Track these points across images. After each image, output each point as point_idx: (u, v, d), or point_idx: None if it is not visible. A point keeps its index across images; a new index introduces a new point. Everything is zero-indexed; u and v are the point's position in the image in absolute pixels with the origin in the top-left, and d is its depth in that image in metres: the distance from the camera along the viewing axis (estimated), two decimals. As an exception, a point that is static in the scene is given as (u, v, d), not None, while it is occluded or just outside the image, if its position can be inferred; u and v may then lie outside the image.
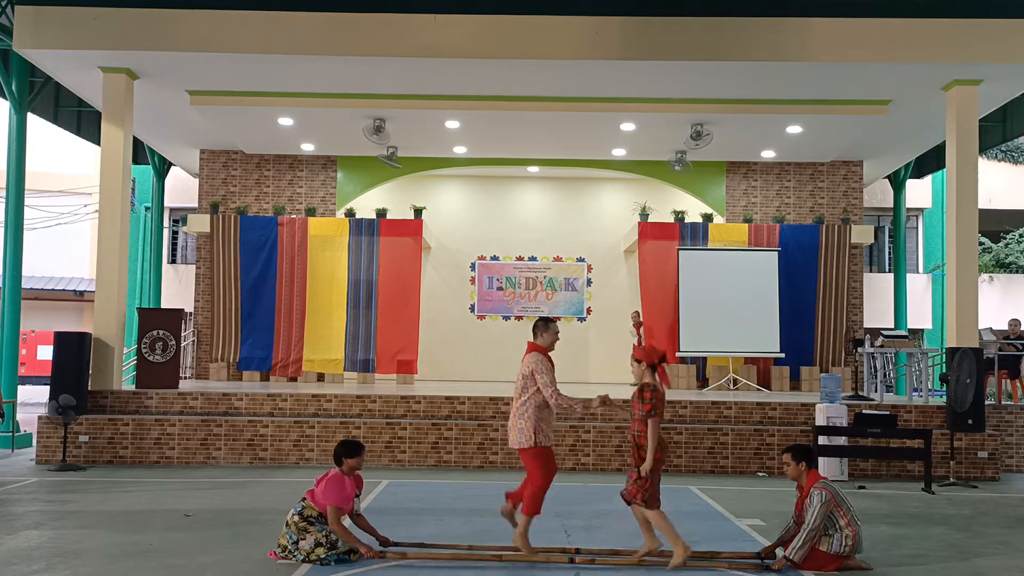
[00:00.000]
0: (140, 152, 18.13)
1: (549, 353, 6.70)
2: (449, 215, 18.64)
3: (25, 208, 13.78)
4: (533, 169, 18.13)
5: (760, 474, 11.45)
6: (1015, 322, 14.07)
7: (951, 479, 10.91)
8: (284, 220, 16.67)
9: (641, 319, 16.80)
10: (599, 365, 17.73)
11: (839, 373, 13.82)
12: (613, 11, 12.08)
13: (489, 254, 18.72)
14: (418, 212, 16.94)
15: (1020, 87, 13.06)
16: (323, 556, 6.32)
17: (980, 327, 12.81)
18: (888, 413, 11.09)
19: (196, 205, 18.17)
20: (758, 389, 15.76)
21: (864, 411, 11.36)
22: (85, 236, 24.33)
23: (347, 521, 6.63)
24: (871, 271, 20.55)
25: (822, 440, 10.59)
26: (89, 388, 12.13)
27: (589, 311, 18.56)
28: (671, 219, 17.06)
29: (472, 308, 18.61)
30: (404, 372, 16.15)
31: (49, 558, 6.41)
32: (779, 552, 6.54)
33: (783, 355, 15.97)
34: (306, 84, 13.40)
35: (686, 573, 6.26)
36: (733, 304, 15.84)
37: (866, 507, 8.93)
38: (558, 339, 6.74)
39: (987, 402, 12.41)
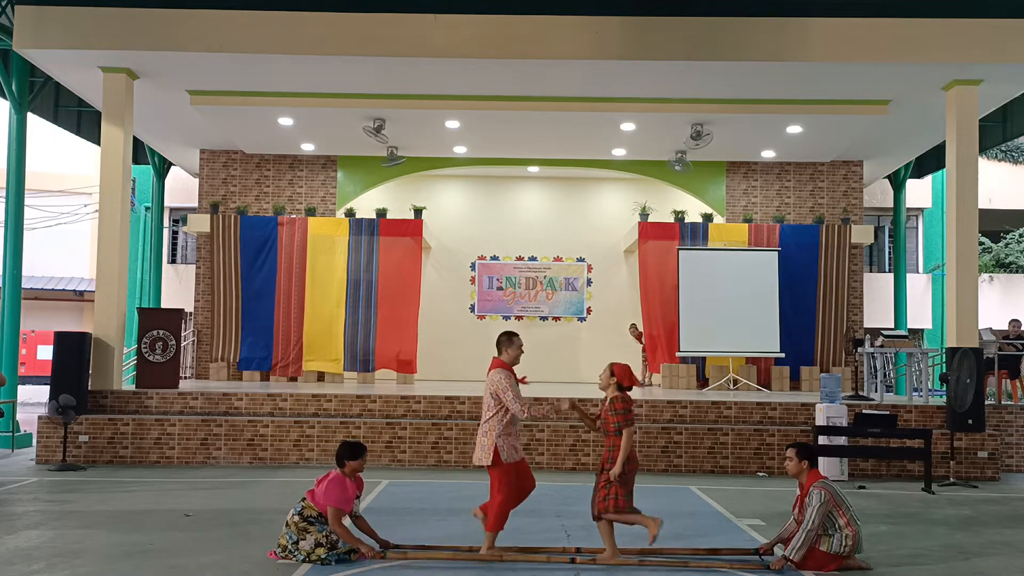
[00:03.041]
0: (140, 152, 18.13)
1: (514, 367, 6.61)
2: (449, 215, 18.64)
3: (25, 208, 13.79)
4: (533, 169, 18.13)
5: (760, 474, 11.45)
6: (1016, 322, 14.07)
7: (951, 479, 10.92)
8: (284, 220, 16.66)
9: (640, 329, 16.76)
10: (599, 365, 17.55)
11: (839, 373, 13.82)
12: (613, 11, 12.08)
13: (489, 254, 18.71)
14: (418, 212, 16.94)
15: (1020, 87, 13.06)
16: (323, 556, 6.33)
17: (980, 327, 12.81)
18: (888, 413, 11.08)
19: (196, 205, 18.17)
20: (758, 389, 15.75)
21: (864, 411, 11.36)
22: (85, 236, 24.33)
23: (347, 522, 6.63)
24: (871, 271, 20.55)
25: (822, 440, 10.59)
26: (89, 388, 12.14)
27: (589, 311, 18.56)
28: (671, 219, 17.05)
29: (472, 308, 18.61)
30: (404, 372, 16.16)
31: (49, 558, 6.41)
32: (778, 549, 6.56)
33: (783, 355, 15.96)
34: (306, 84, 13.40)
35: (687, 573, 6.27)
36: (733, 304, 15.83)
37: (866, 507, 8.93)
38: (522, 352, 6.67)
39: (987, 402, 12.41)
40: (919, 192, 21.22)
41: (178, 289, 19.96)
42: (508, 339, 6.63)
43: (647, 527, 6.31)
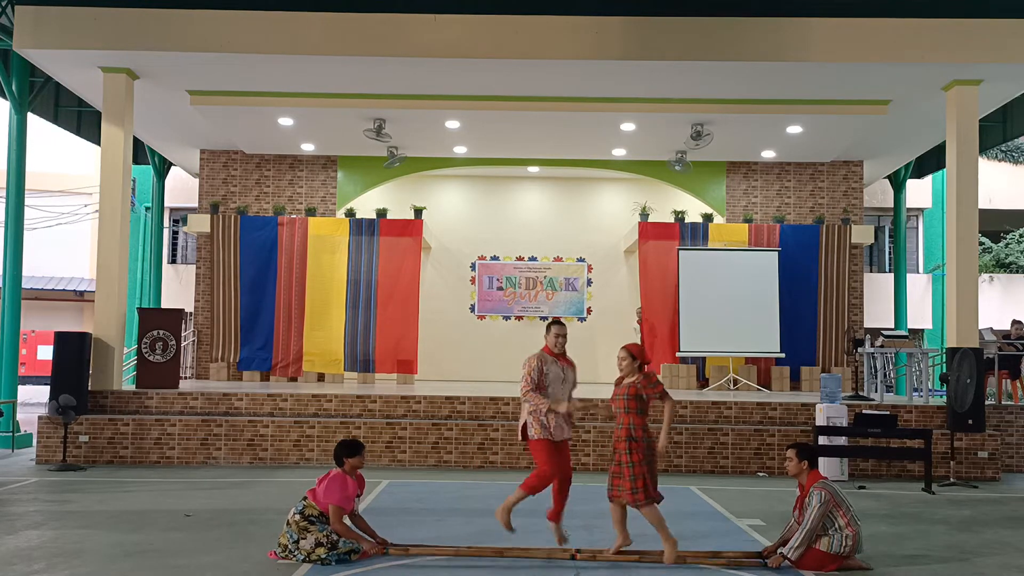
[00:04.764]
0: (140, 152, 18.12)
1: (557, 351, 6.79)
2: (449, 215, 18.64)
3: (25, 208, 13.79)
4: (533, 169, 18.12)
5: (760, 474, 11.45)
6: (1018, 323, 14.07)
7: (951, 479, 10.91)
8: (284, 220, 16.66)
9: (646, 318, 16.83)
10: (600, 365, 17.68)
11: (839, 373, 13.81)
12: (613, 11, 12.08)
13: (489, 254, 18.72)
14: (418, 212, 16.94)
15: (1020, 87, 13.06)
16: (324, 556, 6.33)
17: (980, 327, 12.81)
18: (888, 413, 11.08)
19: (196, 205, 18.17)
20: (758, 389, 15.75)
21: (864, 411, 11.36)
22: (85, 236, 24.33)
23: (347, 521, 6.63)
24: (871, 271, 20.54)
25: (822, 440, 10.59)
26: (89, 388, 12.13)
27: (589, 311, 18.56)
28: (671, 219, 17.05)
29: (472, 308, 18.61)
30: (404, 372, 16.16)
31: (49, 558, 6.41)
32: (780, 551, 6.55)
33: (783, 355, 15.96)
34: (306, 84, 13.40)
35: (687, 572, 6.26)
36: (733, 304, 15.83)
37: (866, 507, 8.93)
38: (560, 339, 6.77)
39: (987, 402, 12.40)
40: (919, 192, 21.22)
41: (178, 289, 19.96)
42: (547, 326, 6.86)
43: (667, 546, 6.32)
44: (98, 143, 13.75)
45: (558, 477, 6.65)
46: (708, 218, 17.13)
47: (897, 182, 19.51)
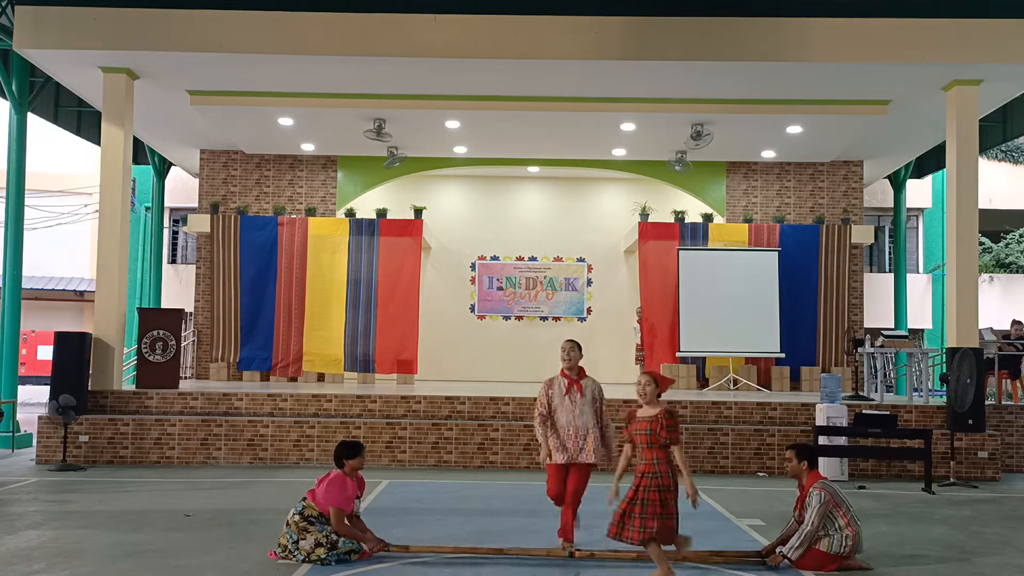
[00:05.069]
0: (140, 152, 18.12)
1: (567, 368, 6.91)
2: (449, 215, 18.64)
3: (25, 208, 13.79)
4: (533, 169, 18.12)
5: (760, 474, 11.45)
6: (1018, 323, 14.07)
7: (951, 479, 10.91)
8: (284, 220, 16.66)
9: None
10: (600, 365, 17.66)
11: (839, 373, 13.81)
12: (613, 11, 12.08)
13: (489, 254, 18.72)
14: (418, 212, 16.94)
15: (1020, 87, 13.06)
16: (323, 556, 6.33)
17: (980, 327, 12.80)
18: (888, 413, 11.08)
19: (196, 205, 18.17)
20: (758, 389, 15.75)
21: (864, 411, 11.36)
22: (85, 236, 24.32)
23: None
24: (871, 271, 20.54)
25: (822, 440, 10.59)
26: (89, 388, 12.13)
27: (589, 311, 18.56)
28: (671, 219, 17.05)
29: (472, 308, 18.61)
30: (404, 372, 16.16)
31: (49, 558, 6.41)
32: (780, 550, 6.55)
33: (783, 355, 15.95)
34: (306, 84, 13.40)
35: (687, 572, 6.26)
36: (733, 304, 15.83)
37: (866, 507, 8.93)
38: (565, 353, 6.90)
39: (987, 402, 12.40)
40: (919, 192, 21.21)
41: (178, 289, 19.96)
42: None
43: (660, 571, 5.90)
44: (98, 143, 13.75)
45: (566, 500, 6.75)
46: (708, 218, 17.12)
47: (897, 182, 19.51)
